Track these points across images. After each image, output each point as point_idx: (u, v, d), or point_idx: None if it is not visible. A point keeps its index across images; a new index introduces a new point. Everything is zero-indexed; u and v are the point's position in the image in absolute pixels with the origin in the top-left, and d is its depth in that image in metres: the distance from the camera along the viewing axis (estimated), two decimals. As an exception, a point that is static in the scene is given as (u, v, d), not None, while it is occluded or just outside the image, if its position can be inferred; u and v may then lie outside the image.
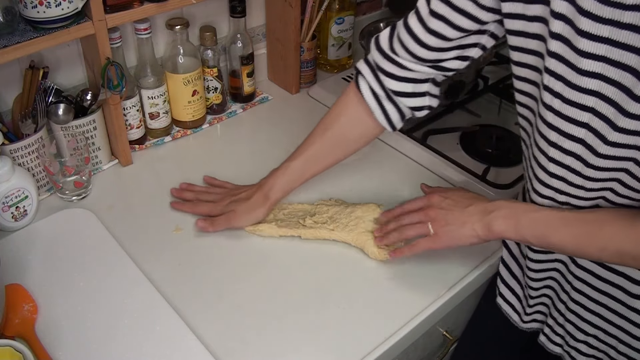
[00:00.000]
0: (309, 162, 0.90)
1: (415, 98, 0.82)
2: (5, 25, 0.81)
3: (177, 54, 1.08)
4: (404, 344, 0.80)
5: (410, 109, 0.84)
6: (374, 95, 0.84)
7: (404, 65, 0.79)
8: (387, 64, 0.80)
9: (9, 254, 0.86)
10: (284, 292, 0.83)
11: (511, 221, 0.72)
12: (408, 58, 0.78)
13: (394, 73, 0.80)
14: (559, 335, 0.84)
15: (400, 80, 0.81)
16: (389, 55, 0.80)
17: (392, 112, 0.85)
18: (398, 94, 0.82)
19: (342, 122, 0.89)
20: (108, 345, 0.74)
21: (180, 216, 0.95)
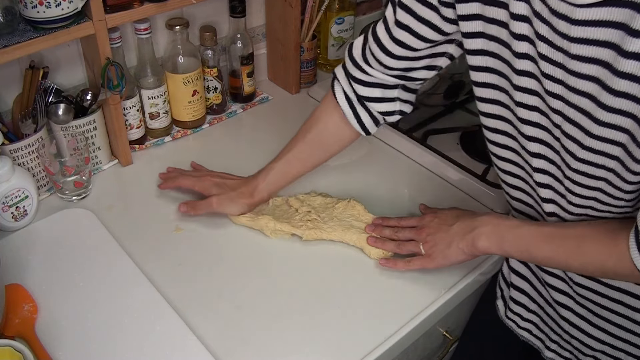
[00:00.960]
0: (291, 164, 0.92)
1: (384, 103, 0.84)
2: (5, 25, 0.81)
3: (177, 54, 1.08)
4: (404, 344, 0.80)
5: (380, 114, 0.86)
6: (348, 101, 0.86)
7: (372, 74, 0.81)
8: (356, 72, 0.83)
9: (9, 254, 0.86)
10: (284, 292, 0.83)
11: (494, 237, 0.73)
12: (377, 67, 0.80)
13: (362, 79, 0.82)
14: (567, 351, 0.84)
15: (369, 85, 0.82)
16: (357, 63, 0.82)
17: (365, 117, 0.86)
18: (367, 99, 0.84)
19: (320, 126, 0.91)
20: (108, 345, 0.74)
21: (180, 216, 0.95)
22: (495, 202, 1.00)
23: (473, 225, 0.76)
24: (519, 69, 0.63)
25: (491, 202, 1.00)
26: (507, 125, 0.70)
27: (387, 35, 0.75)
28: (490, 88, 0.69)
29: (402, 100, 0.85)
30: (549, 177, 0.68)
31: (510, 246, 0.72)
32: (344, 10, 1.31)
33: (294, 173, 0.93)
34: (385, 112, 0.85)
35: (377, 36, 0.77)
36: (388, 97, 0.84)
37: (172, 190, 0.99)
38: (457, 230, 0.78)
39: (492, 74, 0.67)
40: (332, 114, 0.89)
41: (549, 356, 0.87)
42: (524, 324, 0.88)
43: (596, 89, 0.56)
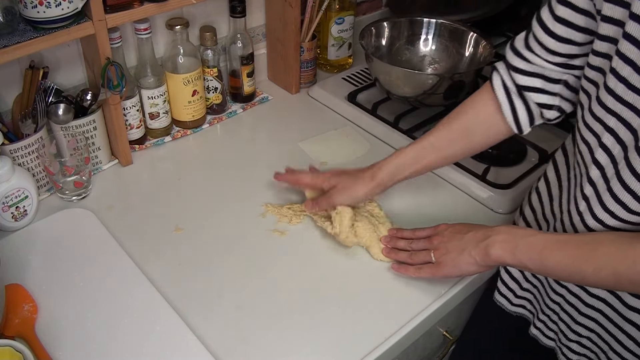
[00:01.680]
0: (425, 151, 0.86)
1: (544, 95, 0.79)
2: (5, 25, 0.81)
3: (177, 54, 1.08)
4: (404, 344, 0.80)
5: (538, 107, 0.80)
6: (505, 90, 0.81)
7: (533, 61, 0.77)
8: (516, 60, 0.78)
9: (9, 254, 0.86)
10: (284, 292, 0.83)
11: (508, 246, 0.72)
12: (540, 51, 0.75)
13: (522, 68, 0.78)
14: (552, 331, 0.85)
15: (529, 75, 0.78)
16: (520, 53, 0.78)
17: (521, 110, 0.80)
18: (527, 88, 0.79)
19: (469, 115, 0.84)
20: (108, 345, 0.74)
21: (180, 216, 0.95)
22: (496, 202, 1.00)
23: (487, 234, 0.75)
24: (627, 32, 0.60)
25: (491, 202, 1.00)
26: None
27: (551, 15, 0.72)
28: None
29: (563, 98, 0.80)
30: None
31: (524, 254, 0.71)
32: (344, 10, 1.31)
33: (425, 162, 0.87)
34: (544, 104, 0.80)
35: (541, 18, 0.74)
36: (549, 90, 0.79)
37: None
38: (471, 238, 0.77)
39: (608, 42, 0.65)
40: (486, 104, 0.83)
41: (534, 332, 0.87)
42: (517, 301, 0.88)
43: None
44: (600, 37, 0.64)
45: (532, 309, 0.88)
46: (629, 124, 0.62)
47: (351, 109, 1.22)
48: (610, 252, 0.64)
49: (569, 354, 0.83)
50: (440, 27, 1.27)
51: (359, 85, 1.29)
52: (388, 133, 1.15)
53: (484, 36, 1.21)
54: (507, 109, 0.81)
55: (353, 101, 1.23)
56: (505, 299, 0.90)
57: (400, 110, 1.18)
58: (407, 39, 1.29)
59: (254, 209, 0.97)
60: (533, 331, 0.88)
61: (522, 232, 0.73)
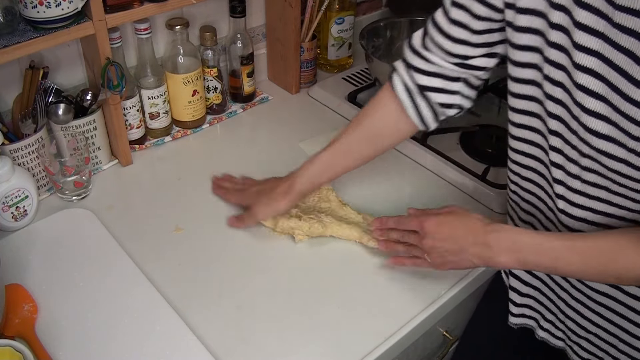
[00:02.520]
0: (337, 156, 0.88)
1: (444, 94, 0.81)
2: (5, 25, 0.81)
3: (177, 54, 1.08)
4: (404, 344, 0.80)
5: (440, 106, 0.82)
6: (407, 91, 0.82)
7: (432, 61, 0.78)
8: (416, 60, 0.80)
9: (9, 254, 0.86)
10: (284, 292, 0.83)
11: (515, 255, 0.70)
12: (437, 52, 0.78)
13: (422, 68, 0.80)
14: (560, 330, 0.84)
15: (429, 75, 0.80)
16: (418, 52, 0.79)
17: (424, 109, 0.82)
18: (427, 89, 0.81)
19: (375, 118, 0.87)
20: (108, 345, 0.74)
21: (180, 216, 0.95)
22: (495, 202, 1.00)
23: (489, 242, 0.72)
24: (551, 41, 0.62)
25: (491, 202, 1.00)
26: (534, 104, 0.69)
27: (445, 18, 0.74)
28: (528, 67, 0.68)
29: (463, 95, 0.82)
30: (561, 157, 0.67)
31: (533, 263, 0.69)
32: (344, 10, 1.31)
33: (339, 166, 0.89)
34: (445, 104, 0.82)
35: (436, 20, 0.76)
36: (449, 89, 0.81)
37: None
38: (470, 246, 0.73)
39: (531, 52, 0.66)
40: (390, 105, 0.85)
41: (542, 335, 0.87)
42: (521, 300, 0.87)
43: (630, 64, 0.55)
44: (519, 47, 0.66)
45: (534, 313, 0.87)
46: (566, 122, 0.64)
47: (351, 109, 1.22)
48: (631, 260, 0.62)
49: (580, 352, 0.82)
50: (440, 27, 1.27)
51: (359, 85, 1.29)
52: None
53: (484, 36, 1.21)
54: (411, 109, 0.83)
55: (353, 101, 1.23)
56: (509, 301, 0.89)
57: (400, 110, 1.18)
58: (407, 39, 1.28)
59: (254, 209, 0.97)
60: (541, 334, 0.87)
61: (526, 237, 0.70)
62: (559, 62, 0.62)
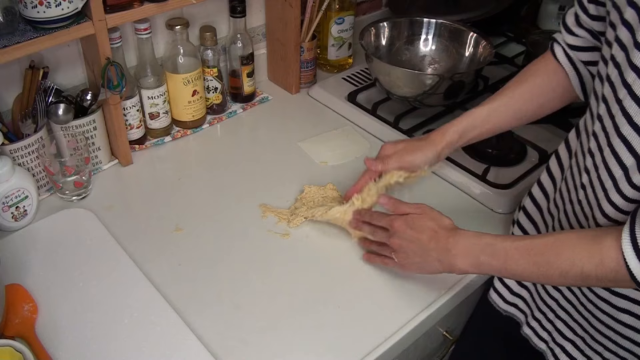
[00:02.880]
0: (497, 110, 0.85)
1: None
2: (5, 25, 0.81)
3: (177, 54, 1.08)
4: (404, 344, 0.80)
5: None
6: (569, 60, 0.80)
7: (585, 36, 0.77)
8: (570, 38, 0.78)
9: (9, 254, 0.86)
10: (284, 292, 0.83)
11: (470, 260, 0.72)
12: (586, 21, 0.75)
13: (580, 45, 0.78)
14: (546, 331, 0.84)
15: (588, 50, 0.78)
16: (571, 30, 0.78)
17: (587, 77, 0.80)
18: (590, 63, 0.79)
19: (541, 77, 0.84)
20: (108, 345, 0.74)
21: (180, 216, 0.95)
22: (495, 202, 1.00)
23: (447, 248, 0.74)
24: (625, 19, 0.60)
25: (491, 202, 1.00)
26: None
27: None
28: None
29: None
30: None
31: (486, 266, 0.71)
32: (344, 10, 1.31)
33: (495, 122, 0.86)
34: None
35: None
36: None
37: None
38: (432, 251, 0.76)
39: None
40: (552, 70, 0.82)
41: (526, 332, 0.87)
42: (512, 299, 0.88)
43: None
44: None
45: (526, 308, 0.87)
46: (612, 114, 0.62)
47: (351, 109, 1.22)
48: (574, 254, 0.63)
49: (561, 356, 0.82)
50: (440, 27, 1.27)
51: (359, 85, 1.29)
52: (388, 133, 1.15)
53: (484, 36, 1.21)
54: (574, 76, 0.80)
55: (353, 101, 1.23)
56: (498, 296, 0.90)
57: (400, 110, 1.18)
58: (407, 39, 1.29)
59: (254, 209, 0.97)
60: (525, 331, 0.87)
61: (482, 242, 0.72)
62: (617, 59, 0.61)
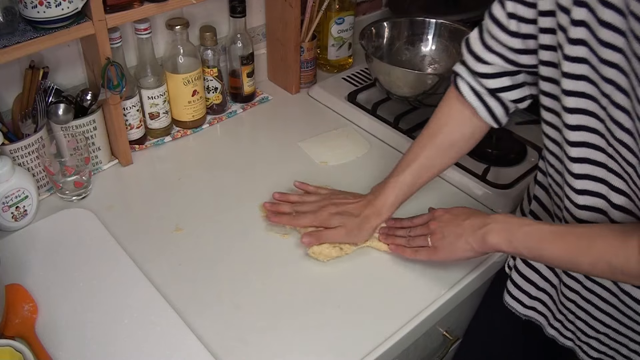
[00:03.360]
0: (420, 173, 0.88)
1: (514, 90, 0.81)
2: (5, 25, 0.81)
3: (177, 54, 1.08)
4: (404, 344, 0.80)
5: (512, 102, 0.83)
6: (475, 94, 0.82)
7: (496, 62, 0.78)
8: (479, 66, 0.80)
9: (9, 254, 0.86)
10: (284, 292, 0.83)
11: (505, 234, 0.73)
12: (498, 48, 0.77)
13: (488, 72, 0.80)
14: (569, 331, 0.85)
15: (496, 77, 0.80)
16: (479, 57, 0.79)
17: (496, 107, 0.83)
18: (498, 90, 0.81)
19: (449, 127, 0.87)
20: (108, 345, 0.74)
21: (180, 216, 0.95)
22: (495, 202, 1.00)
23: (484, 222, 0.76)
24: (573, 38, 0.62)
25: (491, 202, 1.00)
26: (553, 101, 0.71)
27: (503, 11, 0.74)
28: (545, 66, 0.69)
29: (529, 84, 0.82)
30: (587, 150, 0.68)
31: (520, 242, 0.72)
32: (344, 10, 1.31)
33: (421, 182, 0.89)
34: (518, 99, 0.82)
35: (493, 14, 0.75)
36: (516, 84, 0.81)
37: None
38: (468, 225, 0.78)
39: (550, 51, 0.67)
40: (461, 112, 0.85)
41: (551, 333, 0.87)
42: (531, 302, 0.88)
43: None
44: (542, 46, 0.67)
45: (545, 310, 0.87)
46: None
47: (351, 109, 1.22)
48: (605, 247, 0.65)
49: (590, 352, 0.83)
50: (440, 27, 1.27)
51: (359, 85, 1.29)
52: (388, 133, 1.15)
53: (484, 36, 1.21)
54: (483, 111, 0.83)
55: (353, 101, 1.23)
56: (517, 301, 0.89)
57: (400, 110, 1.18)
58: (407, 39, 1.29)
59: (254, 209, 0.97)
60: (550, 331, 0.88)
61: (519, 221, 0.74)
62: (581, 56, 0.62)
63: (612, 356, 0.81)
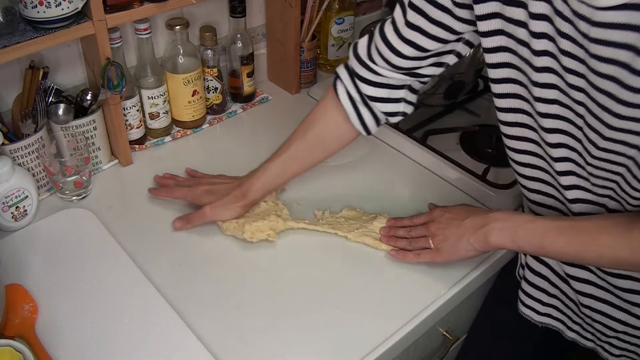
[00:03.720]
0: (288, 163, 0.91)
1: (389, 104, 0.84)
2: (5, 25, 0.81)
3: (177, 54, 1.08)
4: (404, 344, 0.80)
5: (384, 114, 0.86)
6: (350, 100, 0.85)
7: (379, 73, 0.80)
8: (363, 71, 0.82)
9: (9, 254, 0.86)
10: (284, 292, 0.83)
11: (507, 233, 0.73)
12: (384, 66, 0.80)
13: (369, 79, 0.82)
14: (589, 332, 0.84)
15: (376, 85, 0.82)
16: (365, 63, 0.81)
17: (367, 117, 0.86)
18: (373, 99, 0.83)
19: (320, 125, 0.90)
20: (108, 345, 0.74)
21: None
22: (495, 202, 1.00)
23: (485, 221, 0.76)
24: (538, 66, 0.63)
25: (491, 202, 1.00)
26: (525, 117, 0.71)
27: (396, 36, 0.76)
28: (509, 83, 0.69)
29: (406, 102, 0.85)
30: (571, 164, 0.69)
31: (523, 240, 0.72)
32: (344, 10, 1.31)
33: (290, 172, 0.92)
34: (390, 112, 0.85)
35: (386, 36, 0.77)
36: (394, 98, 0.83)
37: (163, 198, 0.98)
38: (469, 225, 0.78)
39: (510, 68, 0.68)
40: (333, 114, 0.88)
41: (571, 336, 0.87)
42: (545, 309, 0.88)
43: (615, 87, 0.57)
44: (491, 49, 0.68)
45: (561, 315, 0.87)
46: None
47: (351, 109, 1.22)
48: (610, 240, 0.65)
49: (612, 349, 0.82)
50: (440, 27, 1.26)
51: (359, 85, 1.29)
52: (388, 133, 1.15)
53: (484, 36, 1.21)
54: (354, 117, 0.86)
55: (353, 101, 1.23)
56: (531, 310, 0.88)
57: (400, 110, 1.18)
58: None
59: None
60: (570, 335, 0.87)
61: (520, 218, 0.74)
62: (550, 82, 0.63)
63: (633, 351, 0.80)
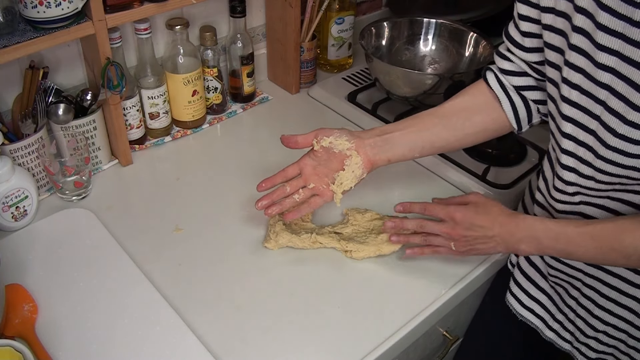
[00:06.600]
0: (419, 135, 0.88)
1: (537, 91, 0.81)
2: (5, 25, 0.81)
3: (177, 54, 1.08)
4: (404, 344, 0.80)
5: (534, 102, 0.82)
6: (502, 86, 0.82)
7: (517, 62, 0.80)
8: (505, 63, 0.81)
9: (9, 254, 0.86)
10: (284, 292, 0.83)
11: (534, 243, 0.74)
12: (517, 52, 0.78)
13: (512, 70, 0.81)
14: (568, 332, 0.85)
15: (520, 75, 0.81)
16: (504, 55, 0.81)
17: (520, 107, 0.82)
18: (522, 88, 0.81)
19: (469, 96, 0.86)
20: (108, 345, 0.74)
21: (180, 216, 0.95)
22: (495, 202, 1.00)
23: (511, 232, 0.75)
24: (572, 44, 0.63)
25: (491, 202, 1.00)
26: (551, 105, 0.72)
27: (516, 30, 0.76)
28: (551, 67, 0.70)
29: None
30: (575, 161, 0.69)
31: (549, 250, 0.73)
32: (344, 10, 1.31)
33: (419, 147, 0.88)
34: (539, 100, 0.82)
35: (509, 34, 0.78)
36: (540, 87, 0.81)
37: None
38: (499, 240, 0.76)
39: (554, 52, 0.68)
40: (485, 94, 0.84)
41: (549, 336, 0.87)
42: (529, 303, 0.88)
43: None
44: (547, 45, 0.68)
45: (543, 313, 0.87)
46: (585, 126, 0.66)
47: (351, 109, 1.22)
48: (636, 239, 0.65)
49: (588, 352, 0.83)
50: (440, 27, 1.27)
51: (359, 85, 1.29)
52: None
53: (484, 36, 1.21)
54: (506, 104, 0.82)
55: (353, 101, 1.23)
56: (516, 300, 0.89)
57: (400, 110, 1.18)
58: (407, 39, 1.29)
59: (254, 208, 0.97)
60: (548, 334, 0.87)
61: (544, 228, 0.73)
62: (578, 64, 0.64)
63: (611, 353, 0.81)
